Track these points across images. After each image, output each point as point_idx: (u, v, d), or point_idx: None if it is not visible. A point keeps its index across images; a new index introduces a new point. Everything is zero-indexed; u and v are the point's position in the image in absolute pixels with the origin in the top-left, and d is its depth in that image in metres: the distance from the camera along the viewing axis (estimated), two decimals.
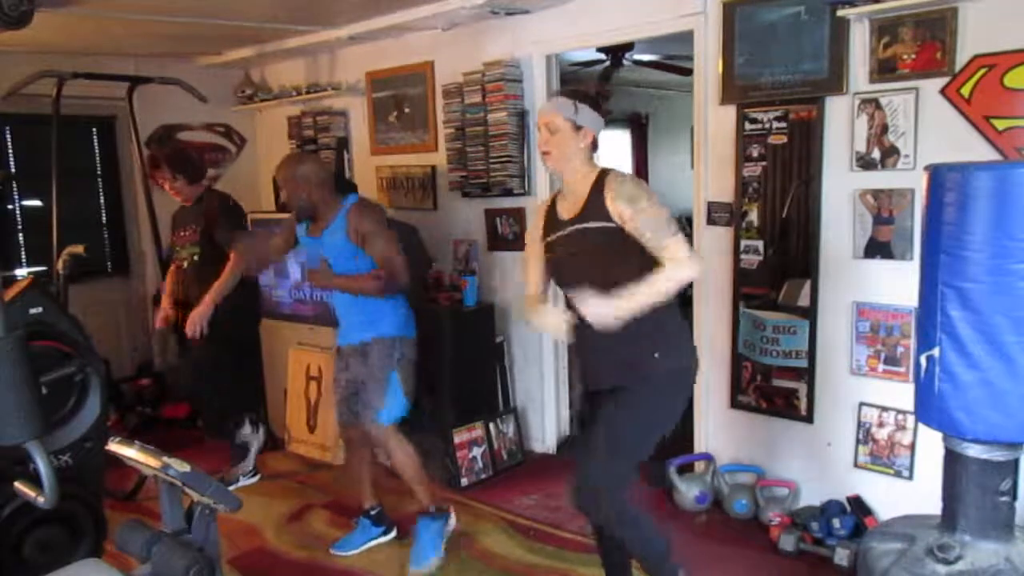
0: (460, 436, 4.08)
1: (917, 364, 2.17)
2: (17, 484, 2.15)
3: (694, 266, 2.32)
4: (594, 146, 2.44)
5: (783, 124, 3.33)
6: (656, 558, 2.46)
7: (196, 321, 3.62)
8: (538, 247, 2.57)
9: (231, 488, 3.93)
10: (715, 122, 3.54)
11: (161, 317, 4.09)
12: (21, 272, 5.00)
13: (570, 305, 2.40)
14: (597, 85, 2.49)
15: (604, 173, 2.42)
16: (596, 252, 2.38)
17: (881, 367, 3.18)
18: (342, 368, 3.28)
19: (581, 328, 2.35)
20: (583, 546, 3.27)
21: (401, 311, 3.23)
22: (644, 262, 2.32)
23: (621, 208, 2.31)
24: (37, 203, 5.07)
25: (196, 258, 3.83)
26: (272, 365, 4.73)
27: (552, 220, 2.51)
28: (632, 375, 2.40)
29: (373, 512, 3.43)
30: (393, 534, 3.48)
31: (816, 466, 3.44)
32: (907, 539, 2.25)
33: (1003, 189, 1.95)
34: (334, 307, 3.33)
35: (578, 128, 2.38)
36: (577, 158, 2.41)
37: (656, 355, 2.39)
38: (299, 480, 4.22)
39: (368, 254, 3.12)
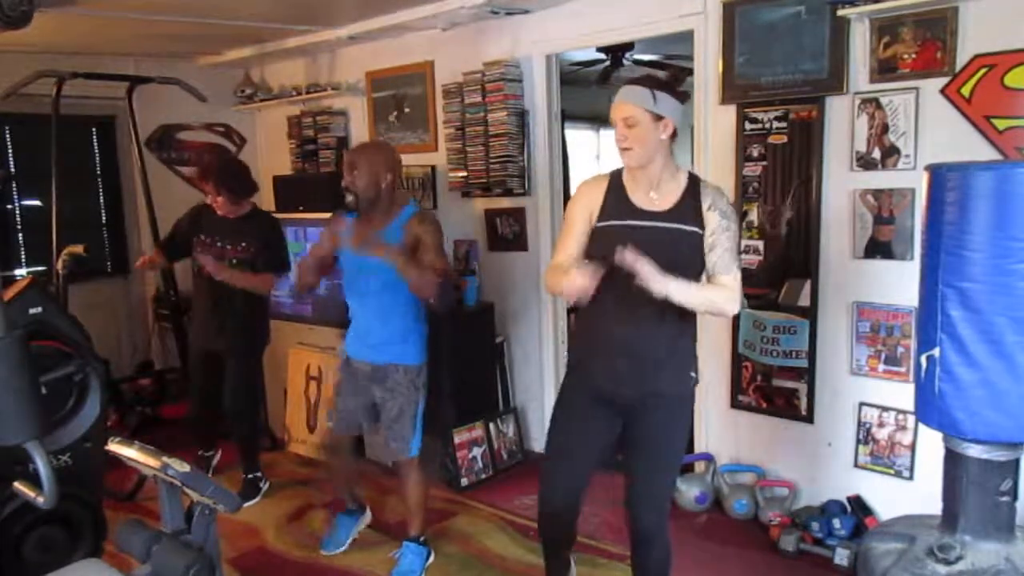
0: (460, 436, 4.08)
1: (917, 364, 2.17)
2: (17, 484, 2.14)
3: (736, 305, 2.31)
4: (673, 135, 2.29)
5: (783, 124, 3.33)
6: None
7: (216, 266, 3.59)
8: (584, 223, 2.40)
9: (257, 499, 3.96)
10: (715, 122, 3.54)
11: (145, 259, 4.00)
12: (21, 272, 4.99)
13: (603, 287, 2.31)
14: (670, 70, 2.34)
15: (698, 180, 2.34)
16: (677, 255, 2.27)
17: (881, 367, 3.18)
18: (350, 381, 3.16)
19: (610, 331, 2.32)
20: (581, 546, 3.27)
21: (425, 335, 3.13)
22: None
23: (713, 218, 2.26)
24: (37, 203, 5.07)
25: None
26: (272, 365, 4.73)
27: (622, 205, 2.34)
28: (669, 392, 2.38)
29: (352, 507, 3.49)
30: (368, 514, 3.54)
31: (816, 466, 3.43)
32: (907, 539, 2.25)
33: (1003, 189, 1.95)
34: (355, 314, 3.14)
35: (658, 119, 2.23)
36: (661, 152, 2.28)
37: (693, 375, 2.42)
38: (299, 480, 4.22)
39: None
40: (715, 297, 2.28)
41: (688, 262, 2.29)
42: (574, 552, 2.89)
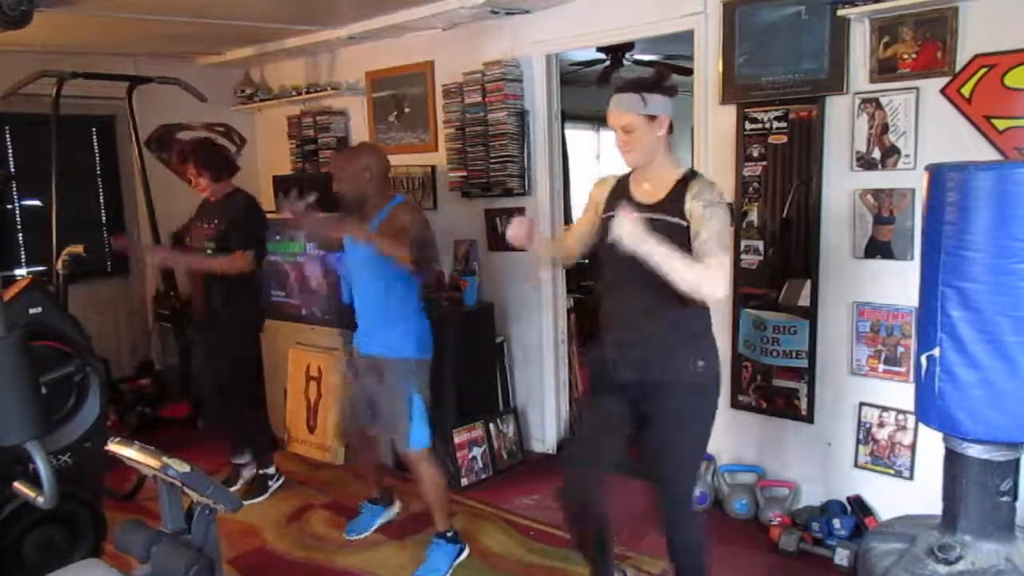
0: (460, 436, 4.08)
1: (918, 364, 2.17)
2: (17, 484, 2.14)
3: (718, 289, 2.20)
4: (670, 129, 2.38)
5: (783, 124, 3.33)
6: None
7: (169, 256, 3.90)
8: (592, 217, 2.55)
9: (268, 494, 3.99)
10: (715, 122, 3.54)
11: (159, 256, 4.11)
12: (21, 272, 4.99)
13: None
14: (657, 68, 2.41)
15: (694, 175, 2.39)
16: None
17: (881, 367, 3.18)
18: (354, 374, 3.27)
19: (610, 313, 2.43)
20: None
21: (424, 328, 3.19)
22: None
23: (695, 206, 2.29)
24: (37, 203, 5.06)
25: (209, 252, 3.77)
26: (272, 365, 4.73)
27: (622, 199, 2.44)
28: (673, 379, 2.38)
29: (377, 496, 3.58)
30: (396, 506, 3.61)
31: (816, 466, 3.43)
32: (908, 539, 2.25)
33: (1004, 189, 1.95)
34: (356, 308, 3.26)
35: (652, 119, 2.33)
36: (659, 149, 2.38)
37: (701, 362, 2.39)
38: (299, 480, 4.22)
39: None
40: (695, 272, 2.19)
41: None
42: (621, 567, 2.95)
